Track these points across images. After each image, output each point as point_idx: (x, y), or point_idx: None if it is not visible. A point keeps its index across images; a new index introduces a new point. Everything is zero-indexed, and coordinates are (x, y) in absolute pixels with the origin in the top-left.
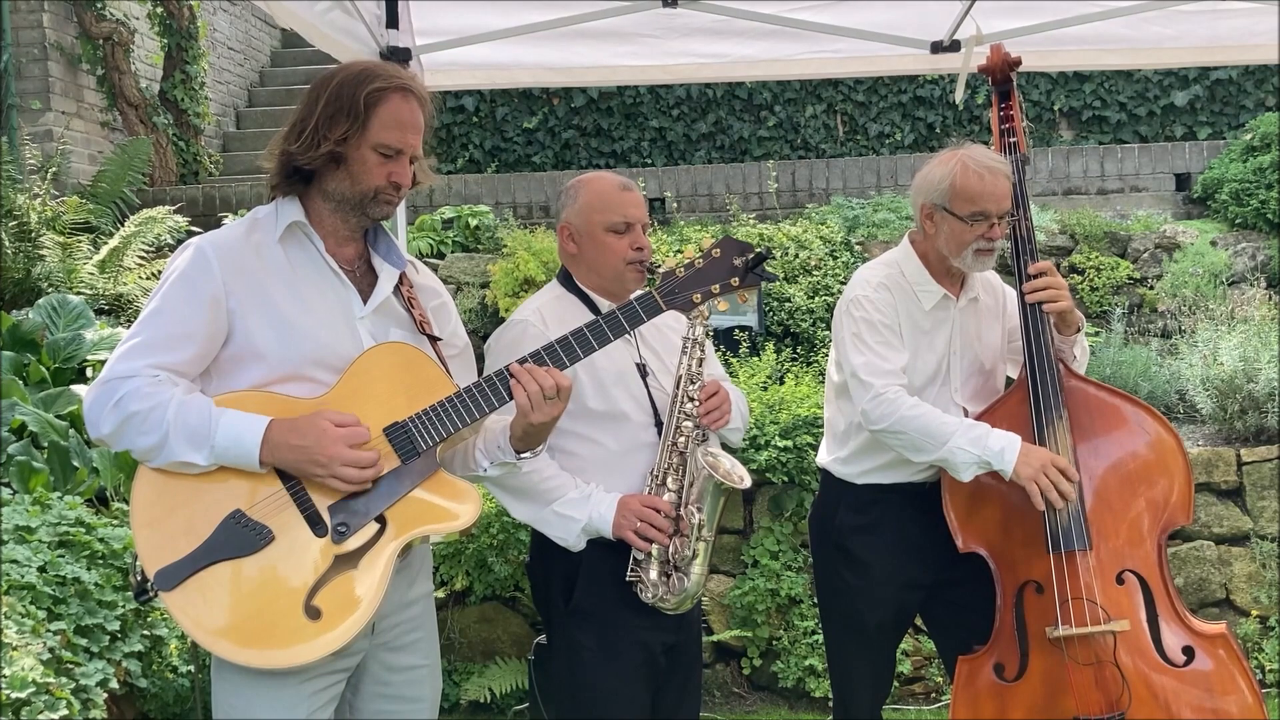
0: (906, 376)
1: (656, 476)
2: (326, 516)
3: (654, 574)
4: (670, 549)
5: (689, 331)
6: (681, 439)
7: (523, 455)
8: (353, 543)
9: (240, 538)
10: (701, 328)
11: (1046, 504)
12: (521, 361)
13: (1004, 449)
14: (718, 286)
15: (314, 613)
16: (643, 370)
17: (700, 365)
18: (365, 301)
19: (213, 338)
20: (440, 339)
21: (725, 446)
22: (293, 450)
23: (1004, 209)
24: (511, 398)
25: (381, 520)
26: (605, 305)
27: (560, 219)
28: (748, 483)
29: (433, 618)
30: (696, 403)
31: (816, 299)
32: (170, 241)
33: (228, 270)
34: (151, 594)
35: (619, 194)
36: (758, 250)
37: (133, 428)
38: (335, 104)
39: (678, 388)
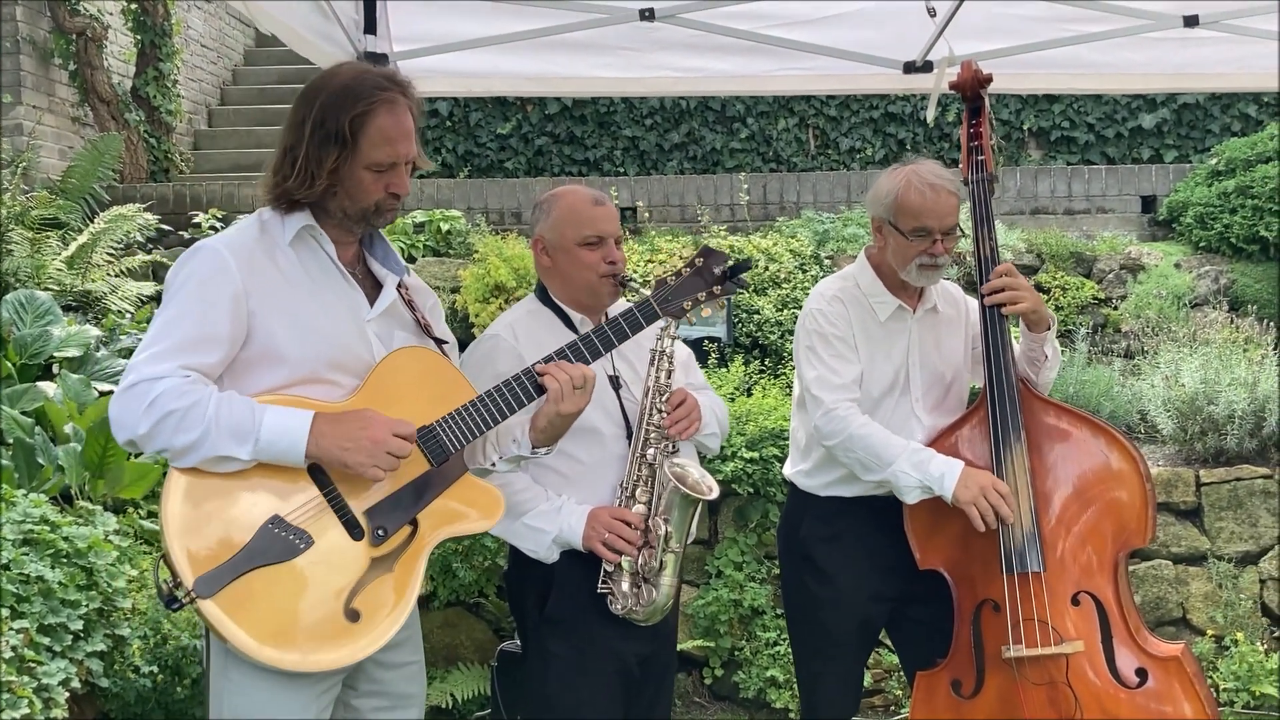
0: (861, 389)
1: (626, 489)
2: (364, 520)
3: (625, 585)
4: (639, 561)
5: (656, 344)
6: (650, 451)
7: (537, 450)
8: (388, 545)
9: (280, 543)
10: (670, 340)
11: (1001, 525)
12: (546, 359)
13: (944, 474)
14: (703, 294)
15: (354, 615)
16: (615, 382)
17: (669, 377)
18: (371, 304)
19: (235, 340)
20: (446, 341)
21: (704, 456)
22: (339, 438)
23: (946, 225)
24: (531, 400)
25: (414, 523)
26: (579, 319)
27: (534, 233)
28: (715, 493)
29: (417, 615)
30: (664, 414)
31: (785, 311)
32: (140, 239)
33: (245, 271)
34: (186, 601)
35: (591, 208)
36: (736, 261)
37: (169, 426)
38: (322, 130)
39: (646, 399)
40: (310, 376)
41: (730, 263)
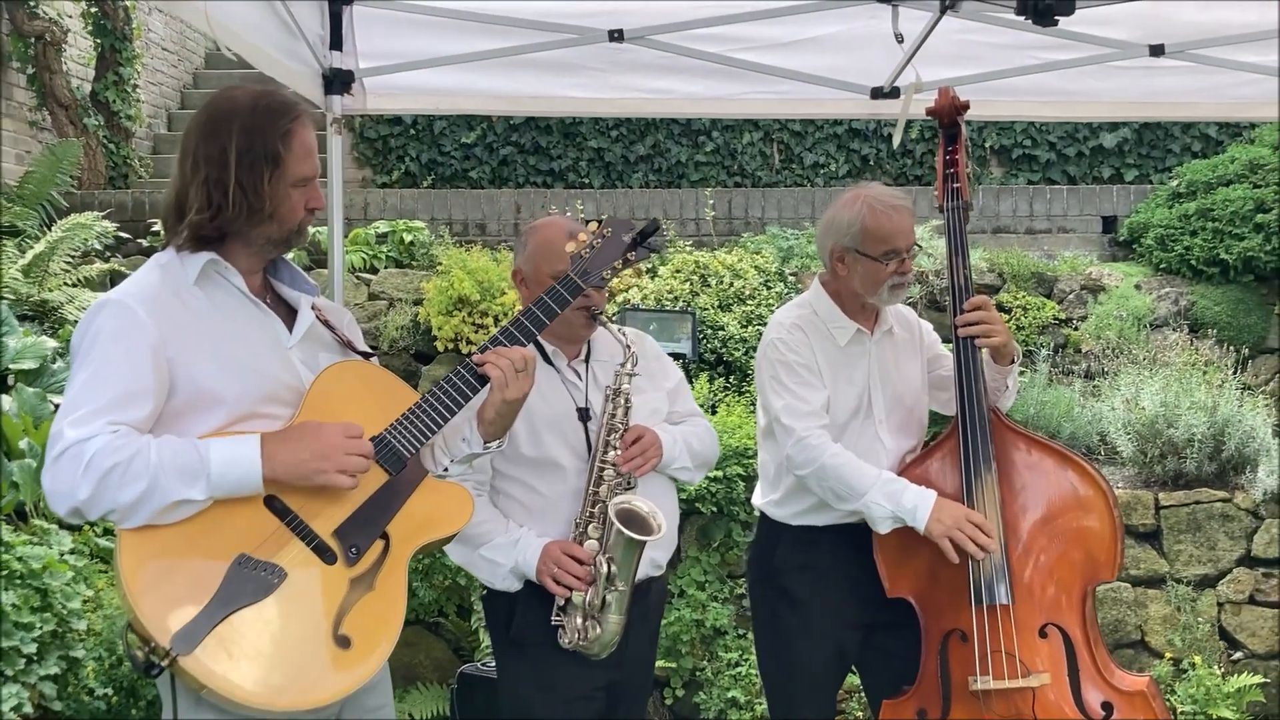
0: (829, 414)
1: (580, 524)
2: (334, 542)
3: (578, 620)
4: (586, 597)
5: (614, 382)
6: (602, 488)
7: (489, 445)
8: (364, 563)
9: (254, 581)
10: (628, 379)
11: (969, 556)
12: (482, 348)
13: (917, 506)
14: (619, 262)
15: (344, 642)
16: (585, 415)
17: (626, 414)
18: (289, 330)
19: (161, 391)
20: (371, 355)
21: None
22: (292, 453)
23: (910, 243)
24: (475, 392)
25: (385, 536)
26: (552, 350)
27: (514, 265)
28: (660, 533)
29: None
30: (618, 451)
31: (750, 328)
32: (98, 247)
33: (157, 320)
34: (165, 664)
35: (565, 242)
36: (643, 225)
37: (113, 483)
38: (250, 154)
39: (600, 435)
40: (247, 414)
41: (638, 229)
